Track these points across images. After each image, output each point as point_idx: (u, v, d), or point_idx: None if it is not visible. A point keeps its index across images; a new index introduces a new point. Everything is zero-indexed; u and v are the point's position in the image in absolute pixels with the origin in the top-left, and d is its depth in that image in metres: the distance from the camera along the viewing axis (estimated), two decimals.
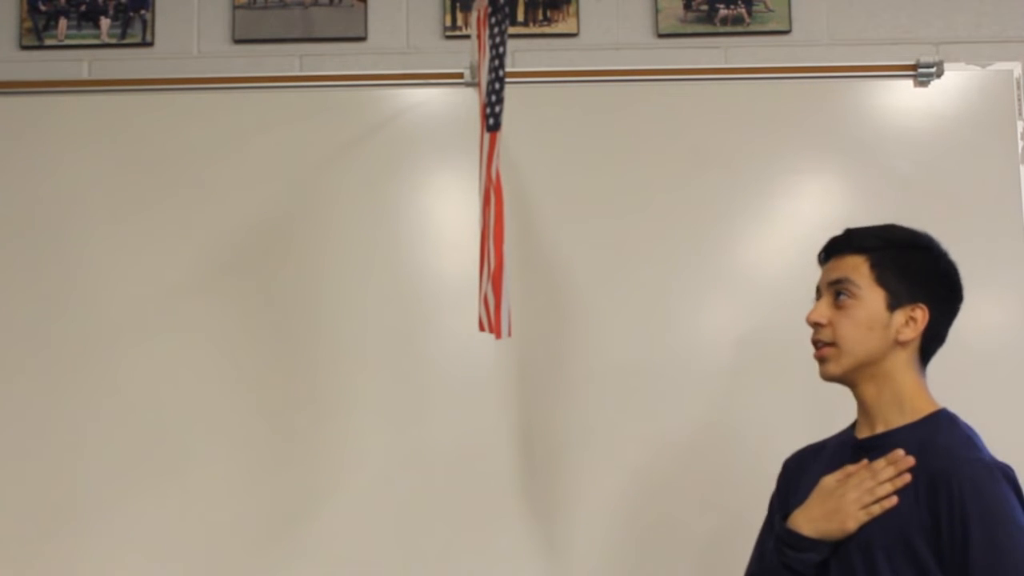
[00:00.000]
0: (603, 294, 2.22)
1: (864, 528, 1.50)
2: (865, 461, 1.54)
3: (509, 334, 1.71)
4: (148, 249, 2.26)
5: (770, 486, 1.71)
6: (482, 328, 1.73)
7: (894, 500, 1.49)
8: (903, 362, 1.58)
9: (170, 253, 2.25)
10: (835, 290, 1.59)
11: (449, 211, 2.26)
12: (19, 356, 2.24)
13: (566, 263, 2.23)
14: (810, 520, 1.53)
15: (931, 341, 1.61)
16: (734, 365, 2.18)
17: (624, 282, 2.23)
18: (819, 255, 1.66)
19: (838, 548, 1.52)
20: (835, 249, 1.63)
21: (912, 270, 1.58)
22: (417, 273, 2.25)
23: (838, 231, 1.68)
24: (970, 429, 1.58)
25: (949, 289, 1.61)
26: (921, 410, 1.57)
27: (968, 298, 2.17)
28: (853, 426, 1.66)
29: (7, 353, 2.24)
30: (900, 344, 1.57)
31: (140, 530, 2.18)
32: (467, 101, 2.21)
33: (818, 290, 1.64)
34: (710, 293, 2.22)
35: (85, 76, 2.37)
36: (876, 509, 1.49)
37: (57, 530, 2.18)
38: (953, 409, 2.04)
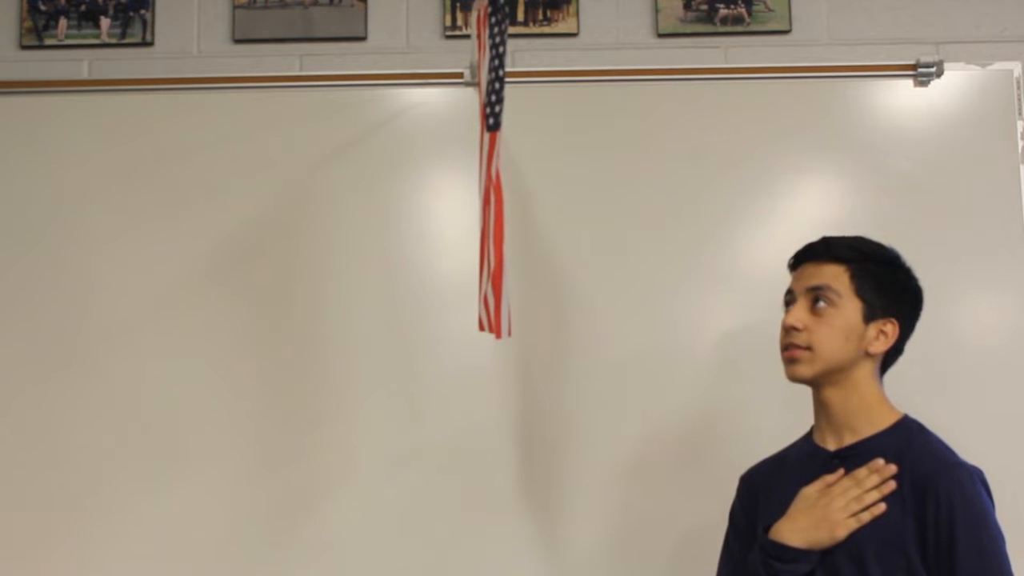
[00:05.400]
0: (603, 294, 2.22)
1: (853, 536, 1.51)
2: (842, 471, 1.56)
3: (509, 334, 1.70)
4: (148, 249, 2.26)
5: None
6: (482, 328, 1.73)
7: (883, 507, 1.51)
8: (869, 372, 1.61)
9: (170, 252, 2.26)
10: (814, 296, 1.61)
11: (449, 211, 2.26)
12: (18, 356, 2.24)
13: (566, 262, 2.23)
14: (797, 531, 1.54)
15: (893, 354, 1.65)
16: (734, 364, 2.19)
17: (624, 282, 2.23)
18: (790, 261, 1.69)
19: (824, 557, 1.53)
20: (812, 256, 1.65)
21: (888, 285, 1.62)
22: (417, 273, 2.25)
23: (838, 231, 1.69)
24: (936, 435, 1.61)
25: (916, 307, 1.66)
26: (887, 418, 1.60)
27: (968, 298, 2.21)
28: (810, 435, 1.67)
29: (6, 353, 2.24)
30: (868, 355, 1.60)
31: (144, 531, 2.17)
32: (467, 101, 2.21)
33: (790, 293, 1.66)
34: (710, 293, 2.22)
35: (85, 76, 2.37)
36: (866, 516, 1.51)
37: (58, 531, 2.18)
38: (953, 409, 2.06)
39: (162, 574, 2.16)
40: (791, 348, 1.60)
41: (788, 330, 1.61)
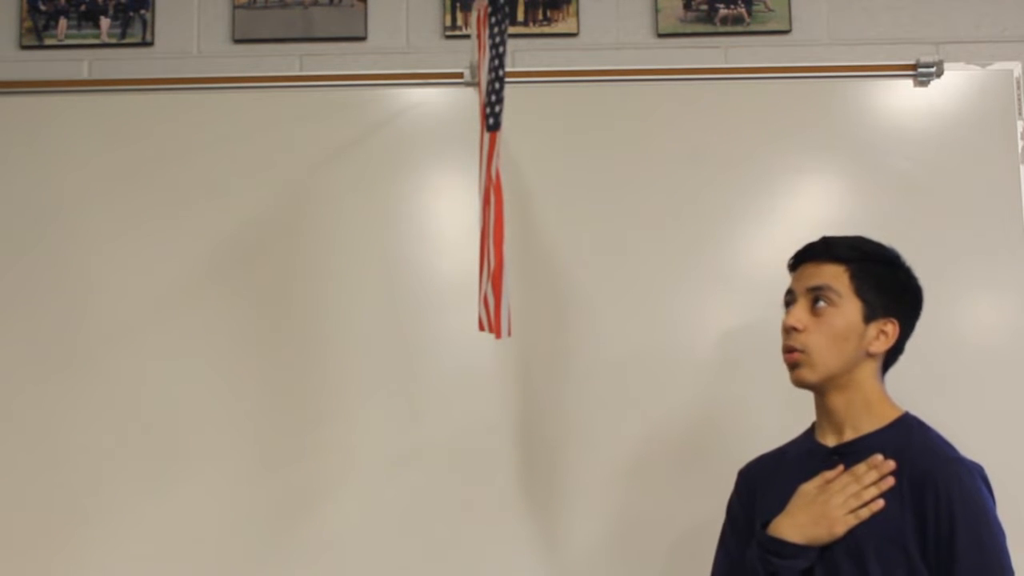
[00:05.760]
0: (603, 294, 2.22)
1: (852, 533, 1.52)
2: (841, 467, 1.56)
3: (509, 334, 1.70)
4: (148, 249, 2.26)
5: None
6: (482, 328, 1.73)
7: (881, 503, 1.51)
8: (871, 372, 1.62)
9: (170, 253, 2.26)
10: (813, 296, 1.60)
11: (449, 211, 2.26)
12: (18, 356, 2.24)
13: (566, 262, 2.23)
14: (796, 526, 1.54)
15: (894, 354, 1.65)
16: (734, 363, 2.19)
17: (624, 282, 2.23)
18: (790, 261, 1.69)
19: (823, 554, 1.53)
20: (811, 256, 1.65)
21: (888, 285, 1.62)
22: (417, 272, 2.25)
23: (838, 231, 1.69)
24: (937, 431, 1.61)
25: (916, 307, 1.66)
26: (888, 415, 1.60)
27: (968, 298, 2.21)
28: (811, 432, 1.68)
29: (6, 353, 2.24)
30: (870, 355, 1.60)
31: (144, 531, 2.17)
32: (467, 101, 2.21)
33: (790, 293, 1.66)
34: (710, 293, 2.22)
35: (85, 76, 2.37)
36: (864, 513, 1.51)
37: (58, 531, 2.18)
38: (952, 408, 2.06)
39: (162, 574, 2.16)
40: (791, 352, 1.60)
41: (788, 330, 1.61)
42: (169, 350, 2.23)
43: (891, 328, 1.61)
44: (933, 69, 2.26)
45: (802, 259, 1.66)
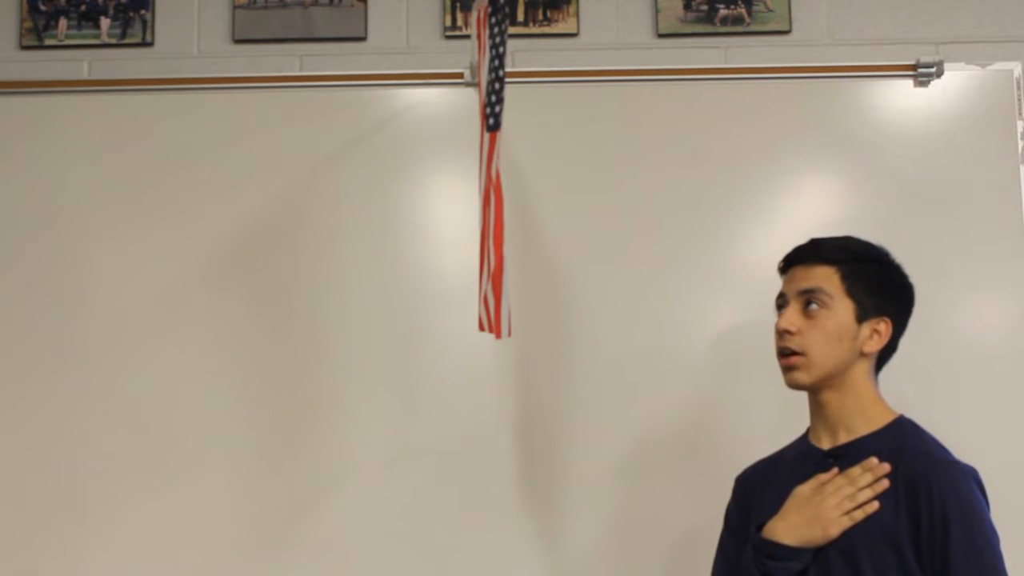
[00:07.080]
0: (602, 294, 2.22)
1: (846, 534, 1.52)
2: (836, 469, 1.56)
3: (509, 334, 1.70)
4: (148, 249, 2.26)
5: None
6: (482, 328, 1.73)
7: (875, 505, 1.51)
8: (864, 372, 1.62)
9: (170, 253, 2.26)
10: (805, 299, 1.61)
11: (449, 210, 2.26)
12: (17, 357, 2.24)
13: (566, 263, 2.24)
14: (790, 528, 1.54)
15: (888, 352, 1.65)
16: (733, 363, 2.19)
17: (624, 282, 2.23)
18: (780, 264, 1.69)
19: (817, 556, 1.53)
20: (802, 258, 1.65)
21: (878, 284, 1.62)
22: (417, 272, 2.25)
23: (838, 231, 1.69)
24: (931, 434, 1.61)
25: (908, 304, 1.66)
26: (882, 417, 1.60)
27: (968, 298, 2.22)
28: (806, 436, 1.67)
29: (5, 354, 2.24)
30: (863, 355, 1.60)
31: (144, 531, 2.17)
32: (467, 101, 2.21)
33: (783, 296, 1.65)
34: (709, 293, 2.22)
35: (85, 76, 2.37)
36: (859, 515, 1.51)
37: (57, 532, 2.18)
38: (952, 409, 2.07)
39: (161, 574, 2.16)
40: (787, 355, 1.60)
41: (781, 334, 1.61)
42: (169, 350, 2.23)
43: (884, 327, 1.61)
44: (933, 69, 2.26)
45: (792, 262, 1.66)
